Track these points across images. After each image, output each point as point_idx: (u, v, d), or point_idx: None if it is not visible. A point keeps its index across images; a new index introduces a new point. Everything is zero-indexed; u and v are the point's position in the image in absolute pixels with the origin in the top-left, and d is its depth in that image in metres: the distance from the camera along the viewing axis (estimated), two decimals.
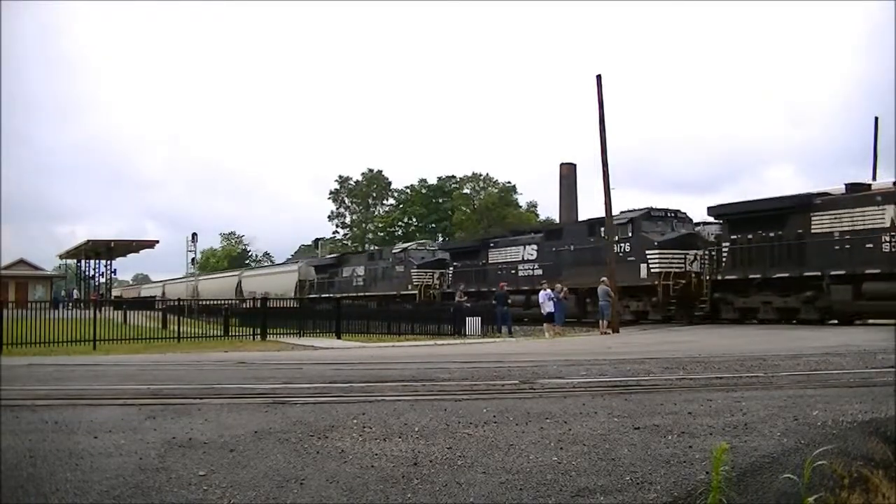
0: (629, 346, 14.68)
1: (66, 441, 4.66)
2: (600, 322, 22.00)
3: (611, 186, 22.58)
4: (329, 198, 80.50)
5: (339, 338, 21.85)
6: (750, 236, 21.68)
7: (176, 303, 29.17)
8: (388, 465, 4.08)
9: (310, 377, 8.88)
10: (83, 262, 56.17)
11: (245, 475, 3.90)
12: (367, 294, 38.22)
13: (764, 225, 21.31)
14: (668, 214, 25.43)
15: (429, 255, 36.68)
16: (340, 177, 79.71)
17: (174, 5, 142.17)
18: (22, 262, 56.02)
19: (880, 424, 4.78)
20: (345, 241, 78.27)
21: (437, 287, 34.63)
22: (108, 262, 52.14)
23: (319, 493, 3.64)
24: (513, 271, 29.34)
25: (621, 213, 24.92)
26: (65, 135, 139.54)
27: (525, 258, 29.65)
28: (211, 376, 9.27)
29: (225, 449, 4.43)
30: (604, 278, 22.54)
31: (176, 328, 21.81)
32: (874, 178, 29.26)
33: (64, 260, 66.53)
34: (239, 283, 52.13)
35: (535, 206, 74.30)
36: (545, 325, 21.71)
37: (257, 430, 4.92)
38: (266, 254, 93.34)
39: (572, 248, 27.35)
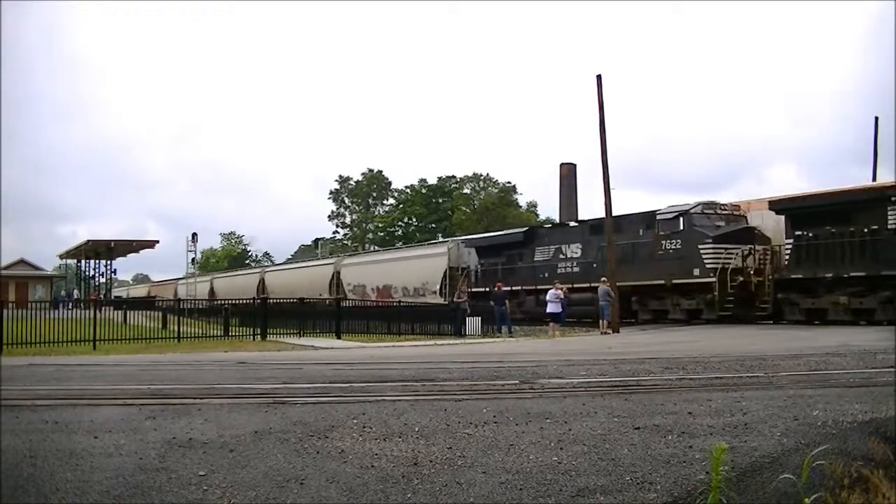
0: (629, 346, 14.67)
1: (66, 441, 4.66)
2: (600, 322, 22.00)
3: (611, 186, 22.59)
4: (329, 198, 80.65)
5: (339, 338, 21.85)
6: None
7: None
8: (388, 465, 4.08)
9: (310, 377, 8.88)
10: (83, 262, 56.23)
11: (245, 475, 3.90)
12: (591, 285, 24.44)
13: None
14: None
15: (728, 223, 23.07)
16: (340, 177, 79.87)
17: (175, 6, 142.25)
18: (22, 262, 56.04)
19: (880, 424, 4.78)
20: (345, 241, 78.31)
21: (749, 269, 21.66)
22: (108, 262, 52.18)
23: (319, 493, 3.64)
24: None
25: None
26: (66, 134, 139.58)
27: None
28: (211, 376, 9.27)
29: (225, 449, 4.43)
30: (603, 278, 22.55)
31: (176, 328, 21.80)
32: (874, 177, 29.31)
33: (64, 260, 66.60)
34: (335, 276, 39.07)
35: (535, 206, 74.45)
36: (550, 325, 21.63)
37: (257, 431, 4.92)
38: (266, 254, 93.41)
39: None
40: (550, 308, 21.63)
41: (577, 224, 28.46)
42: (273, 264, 57.65)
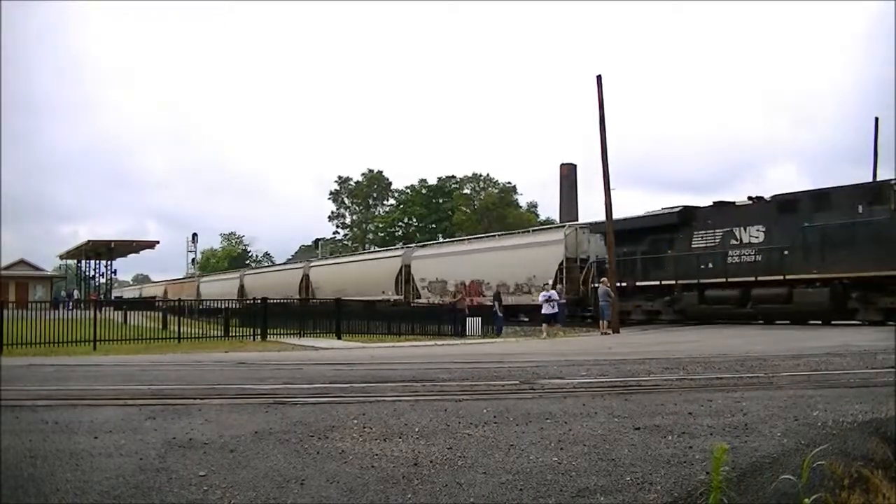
0: (629, 347, 14.67)
1: (66, 441, 4.66)
2: (601, 322, 21.99)
3: (611, 187, 22.58)
4: (329, 198, 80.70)
5: (339, 338, 21.85)
6: None
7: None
8: (389, 466, 4.08)
9: (310, 377, 8.87)
10: (83, 262, 56.25)
11: (245, 475, 3.90)
12: (785, 278, 19.75)
13: None
14: None
15: None
16: (340, 177, 79.92)
17: (176, 6, 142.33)
18: (22, 263, 56.07)
19: (880, 425, 4.78)
20: (345, 242, 78.31)
21: None
22: (109, 262, 52.19)
23: (320, 494, 3.64)
24: None
25: None
26: (66, 134, 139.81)
27: None
28: (211, 376, 9.27)
29: (225, 449, 4.43)
30: (603, 279, 22.53)
31: (176, 328, 21.81)
32: (874, 177, 29.26)
33: (64, 260, 66.64)
34: (403, 271, 32.23)
35: (535, 206, 74.47)
36: (543, 325, 21.60)
37: (257, 431, 4.92)
38: (266, 254, 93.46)
39: None
40: (545, 310, 21.51)
41: (755, 201, 21.81)
42: (319, 258, 48.98)
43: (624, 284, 23.55)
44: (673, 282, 22.62)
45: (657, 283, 23.19)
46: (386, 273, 32.82)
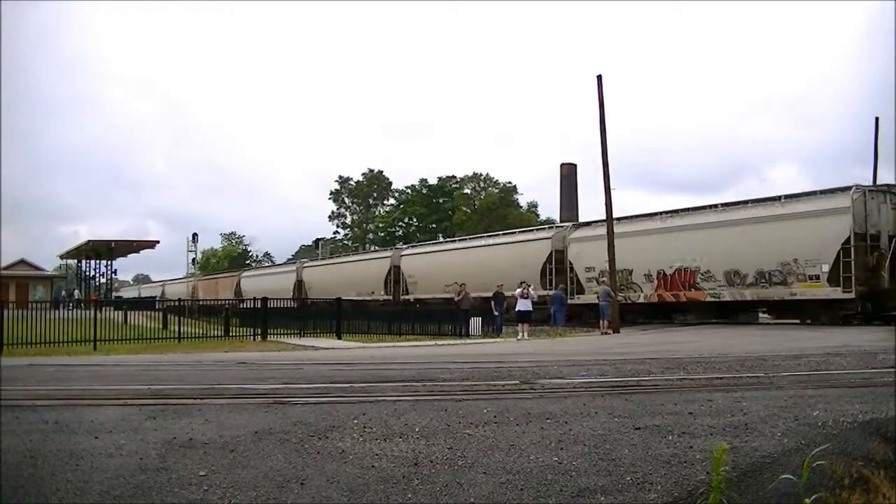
0: (630, 347, 14.66)
1: (66, 441, 4.66)
2: (601, 322, 21.96)
3: (612, 187, 22.55)
4: (329, 198, 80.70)
5: (339, 338, 21.84)
6: None
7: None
8: (389, 466, 4.08)
9: (310, 377, 8.88)
10: (83, 262, 56.25)
11: (245, 475, 3.90)
12: None
13: None
14: None
15: None
16: (340, 177, 79.93)
17: (176, 6, 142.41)
18: (22, 262, 56.08)
19: (881, 425, 4.78)
20: (345, 242, 78.32)
21: None
22: (109, 262, 52.18)
23: (320, 494, 3.64)
24: None
25: None
26: (66, 134, 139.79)
27: None
28: (211, 376, 9.27)
29: (225, 449, 4.43)
30: (604, 279, 22.49)
31: (176, 328, 21.80)
32: (874, 178, 29.25)
33: (64, 260, 66.65)
34: (552, 257, 25.83)
35: (535, 206, 74.40)
36: (519, 325, 21.18)
37: (258, 431, 4.92)
38: (266, 254, 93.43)
39: None
40: (520, 306, 21.14)
41: None
42: (413, 245, 39.29)
43: None
44: None
45: None
46: (527, 261, 25.69)
